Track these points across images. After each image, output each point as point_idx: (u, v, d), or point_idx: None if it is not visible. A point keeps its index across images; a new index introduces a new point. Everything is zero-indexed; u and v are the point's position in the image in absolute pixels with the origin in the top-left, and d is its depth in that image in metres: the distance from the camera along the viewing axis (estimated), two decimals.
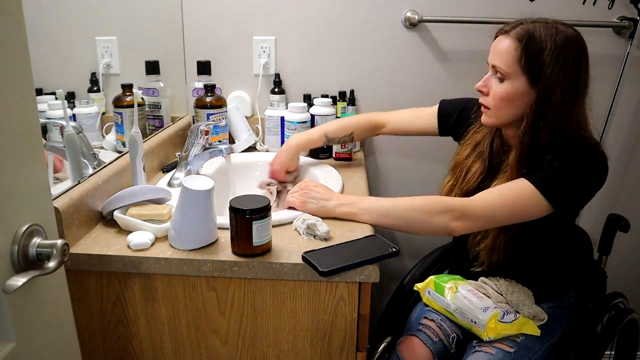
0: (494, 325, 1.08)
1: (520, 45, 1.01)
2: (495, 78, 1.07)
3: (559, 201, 1.02)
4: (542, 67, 1.00)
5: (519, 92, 1.03)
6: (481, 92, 1.10)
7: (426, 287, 1.22)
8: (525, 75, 1.02)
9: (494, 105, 1.07)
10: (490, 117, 1.10)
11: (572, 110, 1.04)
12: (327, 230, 1.02)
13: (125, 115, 1.27)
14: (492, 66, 1.07)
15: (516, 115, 1.07)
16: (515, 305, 1.12)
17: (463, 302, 1.13)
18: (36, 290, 0.67)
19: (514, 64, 1.02)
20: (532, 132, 1.03)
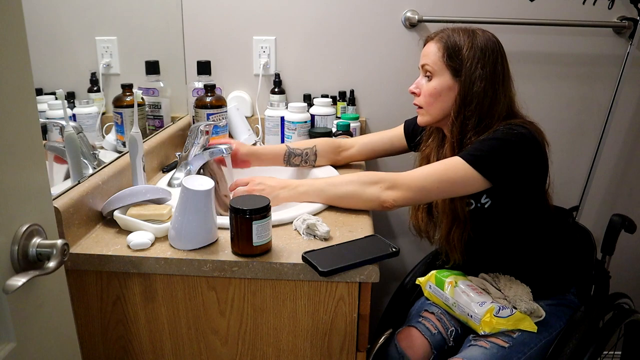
0: (489, 319, 1.09)
1: (443, 45, 1.13)
2: (424, 78, 1.18)
3: (490, 172, 1.05)
4: (462, 61, 1.11)
5: (444, 85, 1.14)
6: (414, 94, 1.20)
7: (427, 281, 1.23)
8: (448, 70, 1.13)
9: (425, 102, 1.17)
10: (423, 115, 1.20)
11: (495, 99, 1.12)
12: (327, 230, 1.02)
13: (125, 115, 1.27)
14: (422, 66, 1.17)
15: (445, 109, 1.15)
16: (513, 301, 1.13)
17: (461, 296, 1.14)
18: (36, 290, 0.67)
19: (438, 61, 1.14)
20: (459, 120, 1.12)
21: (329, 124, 1.63)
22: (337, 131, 1.56)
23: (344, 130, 1.55)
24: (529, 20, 1.59)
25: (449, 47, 1.13)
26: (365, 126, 1.73)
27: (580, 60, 1.66)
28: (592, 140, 1.70)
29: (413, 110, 1.40)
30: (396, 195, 1.08)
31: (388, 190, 1.08)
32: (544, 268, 1.21)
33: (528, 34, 1.63)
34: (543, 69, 1.67)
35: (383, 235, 1.03)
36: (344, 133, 1.55)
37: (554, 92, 1.69)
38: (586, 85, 1.68)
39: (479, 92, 1.10)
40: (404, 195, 1.08)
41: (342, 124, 1.55)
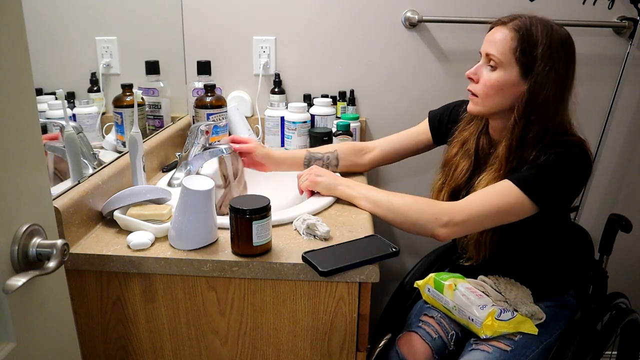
0: (491, 322, 1.08)
1: (517, 35, 1.03)
2: (486, 67, 1.08)
3: (544, 201, 1.03)
4: (536, 60, 1.02)
5: (509, 81, 1.05)
6: (471, 80, 1.12)
7: (426, 285, 1.22)
8: (518, 66, 1.04)
9: (483, 92, 1.09)
10: (477, 105, 1.12)
11: (559, 107, 1.06)
12: (327, 230, 1.02)
13: (125, 115, 1.27)
14: (486, 54, 1.08)
15: (502, 105, 1.08)
16: (514, 304, 1.12)
17: (461, 300, 1.13)
18: (36, 290, 0.67)
19: (508, 52, 1.04)
20: (522, 124, 1.05)
21: (329, 124, 1.63)
22: (337, 131, 1.55)
23: (344, 130, 1.55)
24: None
25: (524, 40, 1.02)
26: (365, 126, 1.73)
27: (580, 60, 1.64)
28: (592, 140, 1.70)
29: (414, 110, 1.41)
30: (451, 231, 1.05)
31: (444, 228, 1.04)
32: (544, 270, 1.21)
33: None
34: None
35: (383, 235, 1.03)
36: (343, 133, 1.55)
37: None
38: (586, 85, 1.68)
39: (548, 97, 1.02)
40: (458, 231, 1.06)
41: (342, 124, 1.55)
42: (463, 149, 1.21)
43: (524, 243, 1.17)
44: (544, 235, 1.18)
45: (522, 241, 1.17)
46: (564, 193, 1.07)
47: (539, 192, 1.02)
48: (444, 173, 1.25)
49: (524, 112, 1.05)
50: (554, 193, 1.04)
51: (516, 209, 1.04)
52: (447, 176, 1.23)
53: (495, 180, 1.09)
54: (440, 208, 1.07)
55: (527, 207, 1.03)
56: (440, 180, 1.25)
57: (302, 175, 1.24)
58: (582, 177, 1.06)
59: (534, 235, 1.16)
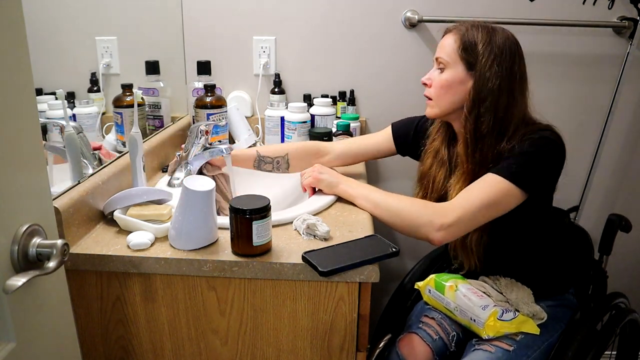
0: (493, 323, 1.08)
1: (459, 37, 1.11)
2: (437, 70, 1.15)
3: (529, 185, 1.05)
4: (477, 55, 1.09)
5: (457, 79, 1.11)
6: (425, 85, 1.17)
7: (427, 286, 1.22)
8: (462, 63, 1.10)
9: (436, 94, 1.15)
10: (432, 108, 1.17)
11: (512, 100, 1.09)
12: (327, 230, 1.02)
13: (125, 115, 1.27)
14: (436, 59, 1.15)
15: (454, 103, 1.13)
16: (515, 304, 1.12)
17: (462, 300, 1.13)
18: (36, 290, 0.67)
19: (452, 53, 1.11)
20: (473, 117, 1.09)
21: (329, 124, 1.63)
22: (337, 131, 1.56)
23: (344, 130, 1.55)
24: (529, 20, 1.59)
25: (465, 40, 1.10)
26: (365, 126, 1.73)
27: (580, 60, 1.66)
28: (592, 140, 1.70)
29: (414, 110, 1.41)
30: (446, 233, 1.05)
31: (438, 231, 1.04)
32: (543, 269, 1.21)
33: (528, 34, 1.63)
34: (543, 69, 1.67)
35: (383, 235, 1.03)
36: (343, 133, 1.55)
37: (554, 92, 1.69)
38: (586, 85, 1.68)
39: (493, 89, 1.08)
40: (453, 232, 1.06)
41: (342, 124, 1.55)
42: (437, 158, 1.24)
43: (517, 241, 1.18)
44: (540, 233, 1.18)
45: (514, 239, 1.17)
46: (547, 174, 1.08)
47: (524, 177, 1.04)
48: (423, 186, 1.27)
49: (472, 105, 1.09)
50: (538, 176, 1.06)
51: (505, 198, 1.05)
52: (426, 189, 1.25)
53: (464, 178, 1.11)
54: (433, 210, 1.07)
55: (515, 195, 1.05)
56: (420, 194, 1.27)
57: (305, 172, 1.26)
58: (559, 156, 1.08)
59: (526, 232, 1.17)
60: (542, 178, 1.08)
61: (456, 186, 1.13)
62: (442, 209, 1.07)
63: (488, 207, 1.05)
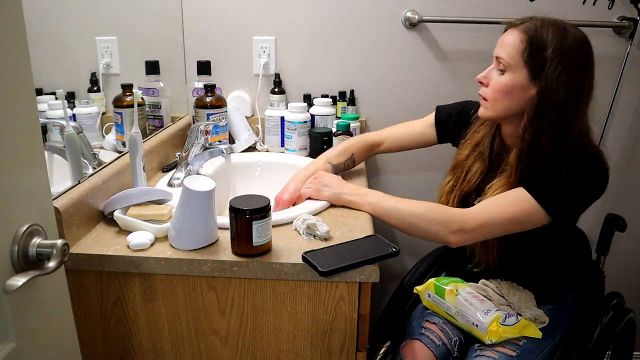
0: (496, 328, 1.07)
1: (526, 37, 1.01)
2: (496, 70, 1.06)
3: (558, 212, 1.02)
4: (545, 62, 1.00)
5: (518, 84, 1.03)
6: (481, 84, 1.10)
7: (426, 290, 1.21)
8: (526, 69, 1.01)
9: (492, 96, 1.07)
10: (487, 109, 1.10)
11: (575, 113, 1.02)
12: (327, 230, 1.02)
13: (125, 115, 1.27)
14: (496, 58, 1.06)
15: (513, 109, 1.06)
16: (517, 308, 1.12)
17: (464, 305, 1.12)
18: (36, 290, 0.67)
19: (516, 55, 1.02)
20: (532, 129, 1.02)
21: (328, 124, 1.63)
22: (337, 131, 1.55)
23: (344, 130, 1.55)
24: None
25: (533, 42, 1.00)
26: (365, 126, 1.73)
27: None
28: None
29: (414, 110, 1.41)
30: (463, 239, 1.05)
31: (455, 234, 1.03)
32: (544, 273, 1.20)
33: None
34: None
35: (383, 235, 1.03)
36: (343, 133, 1.55)
37: None
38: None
39: (560, 102, 0.99)
40: (470, 238, 1.05)
41: (342, 124, 1.55)
42: (476, 151, 1.18)
43: (530, 249, 1.16)
44: (549, 240, 1.16)
45: (529, 247, 1.16)
46: (578, 205, 1.05)
47: (554, 204, 1.01)
48: (455, 176, 1.21)
49: (533, 117, 1.02)
50: (569, 205, 1.03)
51: (529, 218, 1.02)
52: (458, 179, 1.20)
53: (506, 187, 1.06)
54: (450, 215, 1.05)
55: (541, 218, 1.02)
56: (450, 183, 1.22)
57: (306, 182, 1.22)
58: (597, 191, 1.04)
59: (541, 242, 1.15)
60: (573, 207, 1.04)
61: (496, 191, 1.08)
62: (462, 214, 1.05)
63: (510, 223, 1.03)
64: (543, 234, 1.11)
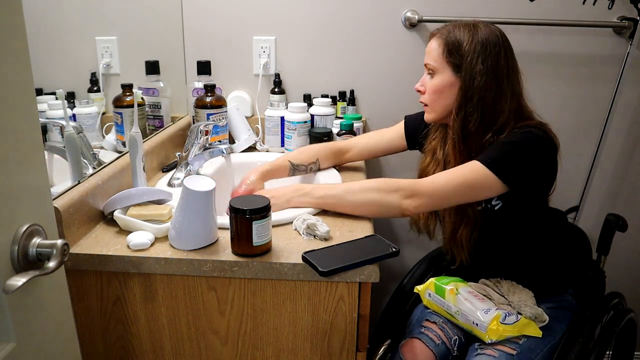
0: (496, 327, 1.08)
1: (443, 40, 1.12)
2: (428, 76, 1.16)
3: (508, 176, 1.05)
4: (462, 56, 1.10)
5: (446, 82, 1.12)
6: (419, 92, 1.19)
7: (426, 289, 1.21)
8: (449, 66, 1.11)
9: (429, 99, 1.16)
10: (429, 113, 1.19)
11: (499, 93, 1.10)
12: (327, 230, 1.02)
13: (125, 115, 1.27)
14: (425, 65, 1.16)
15: (448, 106, 1.14)
16: (517, 306, 1.12)
17: (464, 304, 1.13)
18: (36, 290, 0.67)
19: (439, 58, 1.13)
20: (460, 116, 1.11)
21: (328, 124, 1.63)
22: (341, 131, 1.56)
23: (347, 129, 1.55)
24: (529, 20, 1.59)
25: (449, 43, 1.11)
26: (366, 126, 1.73)
27: (580, 60, 1.66)
28: (592, 140, 1.70)
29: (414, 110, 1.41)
30: (417, 203, 1.06)
31: (408, 199, 1.06)
32: (543, 270, 1.21)
33: (528, 34, 1.63)
34: (543, 69, 1.67)
35: (383, 235, 1.03)
36: (347, 133, 1.55)
37: (554, 92, 1.69)
38: (586, 85, 1.68)
39: (480, 86, 1.08)
40: (424, 203, 1.07)
41: (346, 123, 1.55)
42: (433, 157, 1.25)
43: (514, 242, 1.18)
44: (538, 234, 1.18)
45: (511, 240, 1.17)
46: (529, 170, 1.07)
47: (502, 167, 1.04)
48: None
49: (460, 105, 1.11)
50: (518, 169, 1.06)
51: (482, 183, 1.05)
52: None
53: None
54: (402, 181, 1.09)
55: (492, 182, 1.05)
56: None
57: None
58: (544, 152, 1.07)
59: (522, 232, 1.17)
60: (523, 171, 1.06)
61: None
62: (414, 181, 1.08)
63: (462, 187, 1.06)
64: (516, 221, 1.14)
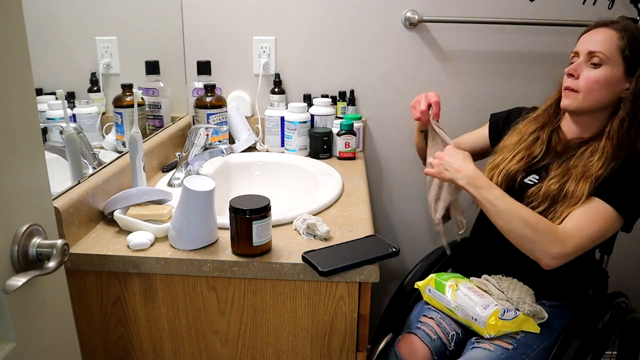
0: (495, 322, 1.08)
1: (625, 35, 1.08)
2: (588, 65, 1.10)
3: (632, 216, 1.08)
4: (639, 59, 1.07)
5: (614, 78, 1.08)
6: (571, 76, 1.13)
7: (427, 285, 1.22)
8: (624, 64, 1.08)
9: (586, 87, 1.10)
10: (575, 100, 1.13)
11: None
12: (327, 230, 1.02)
13: (125, 115, 1.27)
14: (589, 52, 1.10)
15: (602, 101, 1.10)
16: (516, 303, 1.12)
17: (463, 300, 1.13)
18: (36, 290, 0.67)
19: (615, 50, 1.08)
20: (629, 120, 1.08)
21: (328, 124, 1.63)
22: (341, 131, 1.56)
23: (347, 129, 1.55)
24: (529, 20, 1.59)
25: (632, 40, 1.07)
26: (366, 126, 1.73)
27: None
28: None
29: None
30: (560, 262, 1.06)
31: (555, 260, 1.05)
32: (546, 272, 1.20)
33: (528, 34, 1.63)
34: (543, 69, 1.67)
35: (383, 235, 1.03)
36: (347, 133, 1.55)
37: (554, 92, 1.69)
38: None
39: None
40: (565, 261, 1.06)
41: (346, 123, 1.55)
42: (530, 138, 1.21)
43: None
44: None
45: None
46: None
47: (630, 208, 1.07)
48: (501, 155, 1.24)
49: (631, 109, 1.08)
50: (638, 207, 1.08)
51: (612, 230, 1.08)
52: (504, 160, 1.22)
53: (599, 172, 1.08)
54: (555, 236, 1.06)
55: (618, 225, 1.08)
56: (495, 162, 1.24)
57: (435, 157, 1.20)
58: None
59: None
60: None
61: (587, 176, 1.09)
62: (562, 237, 1.06)
63: (599, 238, 1.07)
64: None
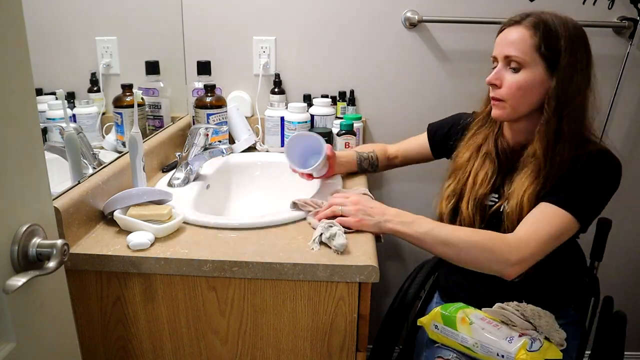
0: (525, 356, 0.98)
1: (538, 32, 1.00)
2: (507, 69, 1.04)
3: (586, 217, 1.02)
4: (559, 54, 0.99)
5: (537, 80, 1.01)
6: (493, 86, 1.07)
7: (432, 321, 1.10)
8: (543, 63, 1.00)
9: (511, 95, 1.04)
10: (504, 109, 1.06)
11: (586, 101, 1.03)
12: (342, 243, 0.96)
13: (125, 115, 1.27)
14: (505, 57, 1.03)
15: (532, 105, 1.04)
16: (547, 332, 1.04)
17: (482, 334, 1.02)
18: (36, 290, 0.67)
19: (531, 51, 1.00)
20: (555, 120, 1.01)
21: (328, 124, 1.63)
22: (341, 131, 1.55)
23: (347, 130, 1.55)
24: None
25: (546, 36, 0.99)
26: (366, 126, 1.73)
27: None
28: None
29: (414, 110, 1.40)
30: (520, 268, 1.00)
31: (515, 267, 0.99)
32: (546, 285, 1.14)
33: None
34: None
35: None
36: (347, 133, 1.55)
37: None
38: None
39: (575, 91, 0.99)
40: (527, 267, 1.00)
41: (346, 123, 1.55)
42: (480, 153, 1.15)
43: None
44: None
45: None
46: (601, 207, 1.05)
47: (583, 210, 1.01)
48: (457, 179, 1.17)
49: (555, 108, 1.01)
50: (593, 209, 1.03)
51: (566, 231, 1.01)
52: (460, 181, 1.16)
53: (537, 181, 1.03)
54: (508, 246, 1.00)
55: (574, 228, 1.02)
56: (451, 187, 1.17)
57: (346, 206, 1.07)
58: (615, 188, 1.05)
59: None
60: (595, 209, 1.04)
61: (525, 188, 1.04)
62: (515, 244, 1.00)
63: (555, 240, 1.01)
64: None
